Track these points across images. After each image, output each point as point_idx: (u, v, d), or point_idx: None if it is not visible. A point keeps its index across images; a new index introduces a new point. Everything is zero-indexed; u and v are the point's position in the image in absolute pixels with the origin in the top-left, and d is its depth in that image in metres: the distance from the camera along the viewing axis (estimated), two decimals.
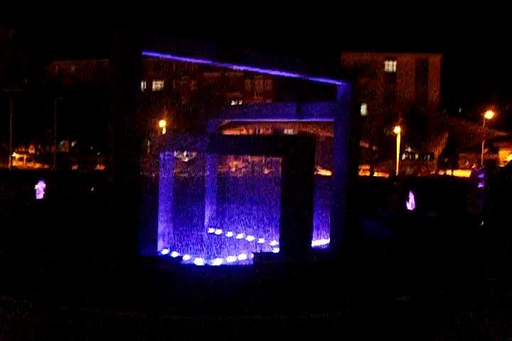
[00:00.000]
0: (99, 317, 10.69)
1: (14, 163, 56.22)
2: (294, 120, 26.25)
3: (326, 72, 20.85)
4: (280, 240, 16.73)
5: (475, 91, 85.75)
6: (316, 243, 20.69)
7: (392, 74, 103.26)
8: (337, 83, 21.09)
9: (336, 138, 21.53)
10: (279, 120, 31.63)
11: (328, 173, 23.57)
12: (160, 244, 19.37)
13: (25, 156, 68.79)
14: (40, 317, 10.69)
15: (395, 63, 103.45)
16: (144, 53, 15.70)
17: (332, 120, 21.89)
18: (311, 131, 55.16)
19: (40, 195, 28.78)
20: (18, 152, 72.20)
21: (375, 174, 66.05)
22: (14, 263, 14.16)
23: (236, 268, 16.56)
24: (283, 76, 21.25)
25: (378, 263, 14.97)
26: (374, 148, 71.48)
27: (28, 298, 11.41)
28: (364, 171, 64.08)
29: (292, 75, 20.43)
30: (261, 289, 12.26)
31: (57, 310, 10.94)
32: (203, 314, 10.76)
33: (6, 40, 77.37)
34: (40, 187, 29.01)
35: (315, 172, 18.28)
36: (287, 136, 55.61)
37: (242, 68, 20.08)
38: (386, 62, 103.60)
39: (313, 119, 25.97)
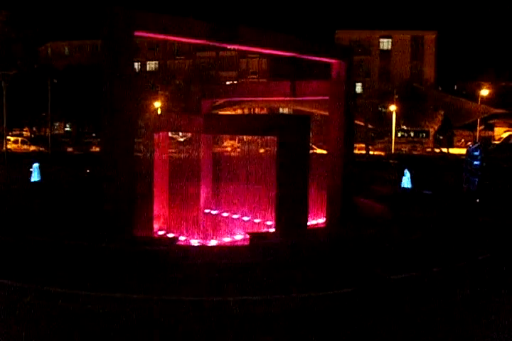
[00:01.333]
0: (93, 299, 10.70)
1: (9, 146, 55.98)
2: (289, 99, 26.16)
3: (321, 50, 20.74)
4: (276, 220, 16.75)
5: (470, 69, 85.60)
6: (312, 222, 20.75)
7: (387, 51, 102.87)
8: (331, 61, 20.99)
9: (331, 116, 21.49)
10: (273, 99, 31.51)
11: (325, 152, 23.53)
12: (155, 224, 19.38)
13: (20, 139, 68.47)
14: (35, 299, 10.71)
15: (389, 41, 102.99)
16: (137, 33, 15.56)
17: (327, 98, 21.84)
18: (307, 110, 54.96)
19: (35, 178, 28.71)
20: (12, 135, 71.90)
21: (371, 152, 66.02)
22: (9, 246, 14.14)
23: (232, 248, 16.59)
24: (277, 55, 21.13)
25: (374, 242, 14.99)
26: (369, 126, 71.35)
27: (24, 281, 11.41)
28: (360, 149, 64.05)
29: (287, 54, 20.33)
30: (257, 269, 12.27)
31: (52, 292, 10.95)
32: (199, 295, 10.77)
33: None
34: (35, 169, 28.95)
35: (311, 151, 18.26)
36: (282, 114, 55.37)
37: (236, 47, 19.95)
38: (381, 40, 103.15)
39: (308, 98, 25.91)
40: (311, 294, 10.99)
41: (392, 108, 69.82)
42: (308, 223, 18.24)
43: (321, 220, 21.85)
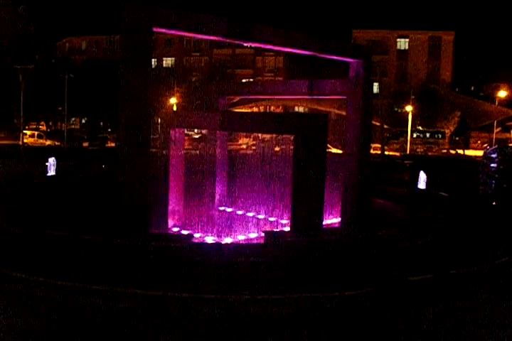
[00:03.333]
0: (109, 294, 10.71)
1: (25, 140, 56.30)
2: (306, 97, 26.07)
3: (339, 49, 20.64)
4: (291, 218, 16.69)
5: (488, 70, 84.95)
6: (327, 222, 20.66)
7: (404, 51, 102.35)
8: (350, 60, 20.89)
9: (348, 116, 21.40)
10: (290, 97, 31.44)
11: (340, 151, 23.45)
12: (170, 221, 19.39)
13: (36, 133, 68.82)
14: (51, 293, 10.74)
15: (407, 41, 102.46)
16: (154, 30, 15.56)
17: (344, 97, 21.75)
18: (322, 109, 54.85)
19: (51, 172, 28.83)
20: (29, 129, 72.30)
21: (386, 152, 65.73)
22: (26, 240, 14.20)
23: (247, 246, 16.54)
24: (295, 53, 21.06)
25: (390, 243, 14.89)
26: (385, 126, 71.04)
27: (40, 275, 11.44)
28: (375, 149, 63.78)
29: (305, 52, 20.23)
30: (272, 268, 12.23)
31: (68, 287, 10.97)
32: (214, 293, 10.74)
33: (16, 16, 76.99)
34: (51, 164, 29.06)
35: (327, 150, 18.16)
36: (299, 113, 55.25)
37: (253, 45, 19.90)
38: (398, 40, 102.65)
39: (326, 97, 25.81)
40: (325, 294, 10.94)
41: (408, 108, 69.50)
42: (323, 222, 18.15)
43: (336, 220, 21.76)
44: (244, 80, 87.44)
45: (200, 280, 11.38)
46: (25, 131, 59.27)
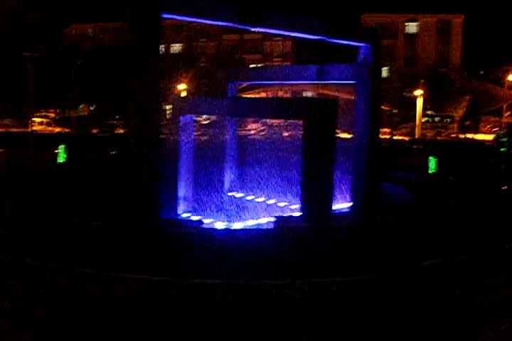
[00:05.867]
0: (120, 280, 10.79)
1: (34, 127, 56.41)
2: (315, 82, 25.95)
3: (347, 34, 20.54)
4: (301, 203, 16.71)
5: (497, 54, 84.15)
6: (336, 206, 20.67)
7: (413, 35, 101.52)
8: (358, 45, 20.78)
9: (357, 100, 21.32)
10: (299, 82, 31.31)
11: (348, 136, 23.38)
12: (180, 207, 19.44)
13: (45, 120, 68.87)
14: (61, 279, 10.82)
15: (416, 25, 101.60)
16: (163, 15, 15.52)
17: (353, 82, 21.65)
18: (331, 94, 54.60)
19: (61, 159, 28.90)
20: (37, 116, 72.36)
21: (395, 137, 65.48)
22: (36, 227, 14.30)
23: (257, 231, 16.58)
24: (304, 38, 20.96)
25: (400, 228, 14.90)
26: (394, 110, 70.72)
27: (50, 261, 11.53)
28: (384, 134, 63.52)
29: (313, 37, 20.13)
30: (282, 253, 12.27)
31: (78, 272, 11.05)
32: (224, 278, 10.80)
33: (24, 4, 76.83)
34: (61, 150, 29.12)
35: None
36: (309, 98, 54.95)
37: (262, 30, 19.82)
38: (407, 24, 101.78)
39: (335, 82, 25.67)
40: (336, 279, 10.99)
41: (418, 93, 69.06)
42: (333, 207, 18.15)
43: (346, 205, 21.75)
44: (252, 66, 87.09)
45: (210, 265, 11.45)
46: (34, 119, 59.34)
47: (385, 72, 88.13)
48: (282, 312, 9.64)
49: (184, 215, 19.28)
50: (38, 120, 66.64)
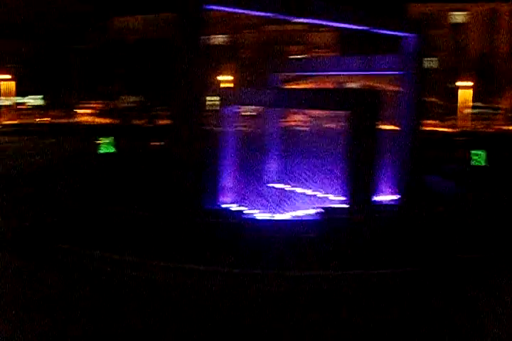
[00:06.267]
0: (163, 269, 10.91)
1: (79, 118, 57.24)
2: (360, 73, 25.68)
3: (393, 24, 20.29)
4: (345, 195, 16.58)
5: None
6: (380, 198, 20.47)
7: (460, 25, 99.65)
8: (404, 35, 20.51)
9: (402, 92, 21.06)
10: (344, 73, 31.04)
11: (389, 128, 23.06)
12: (223, 198, 19.50)
13: (89, 111, 69.85)
14: (107, 267, 11.00)
15: (463, 14, 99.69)
16: (207, 7, 15.56)
17: (398, 73, 21.38)
18: (375, 85, 54.01)
19: (107, 149, 29.22)
20: (83, 107, 73.39)
21: (440, 129, 64.52)
22: (82, 215, 14.53)
23: (303, 222, 16.48)
24: (348, 28, 20.76)
25: (445, 220, 14.71)
26: (439, 102, 69.63)
27: (96, 249, 11.72)
28: (429, 126, 62.64)
29: (358, 28, 19.92)
30: (329, 244, 12.23)
31: (123, 260, 11.21)
32: (269, 268, 10.83)
33: None
34: (106, 141, 29.45)
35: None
36: (355, 89, 54.24)
37: (306, 21, 19.69)
38: (453, 13, 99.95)
39: (381, 73, 25.35)
40: (382, 271, 10.92)
41: (465, 84, 67.84)
42: (377, 199, 17.97)
43: (389, 197, 21.54)
44: (294, 56, 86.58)
45: (254, 256, 11.48)
46: (78, 110, 60.16)
47: (430, 62, 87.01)
48: (325, 303, 9.65)
49: (226, 205, 19.33)
50: (82, 111, 67.59)
